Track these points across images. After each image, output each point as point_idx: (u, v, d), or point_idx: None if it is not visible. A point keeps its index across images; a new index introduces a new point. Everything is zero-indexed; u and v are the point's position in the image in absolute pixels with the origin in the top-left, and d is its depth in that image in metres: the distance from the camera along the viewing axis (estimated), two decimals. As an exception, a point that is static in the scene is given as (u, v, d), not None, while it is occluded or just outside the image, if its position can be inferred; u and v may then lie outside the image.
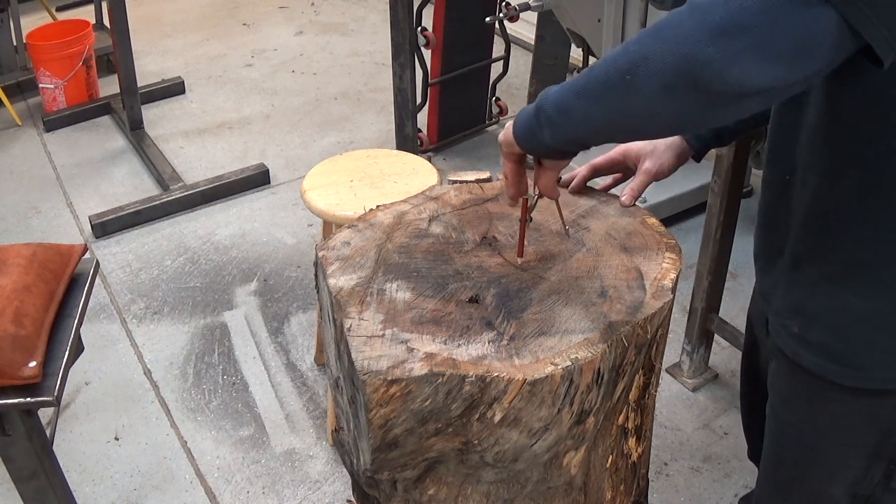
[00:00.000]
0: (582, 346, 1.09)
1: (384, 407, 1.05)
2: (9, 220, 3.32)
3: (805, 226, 1.14)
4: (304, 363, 2.58)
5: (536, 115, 1.03)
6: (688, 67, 0.84)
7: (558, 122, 1.01)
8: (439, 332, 1.11)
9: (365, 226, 1.34)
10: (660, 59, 0.86)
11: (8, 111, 4.02)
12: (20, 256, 1.56)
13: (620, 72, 0.90)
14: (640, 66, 0.87)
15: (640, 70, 0.87)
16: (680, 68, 0.84)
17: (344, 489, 2.16)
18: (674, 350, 2.48)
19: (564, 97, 0.99)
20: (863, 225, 1.07)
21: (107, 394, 2.49)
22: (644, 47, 0.87)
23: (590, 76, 0.95)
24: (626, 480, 1.35)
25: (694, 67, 0.83)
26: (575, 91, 0.97)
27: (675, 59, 0.84)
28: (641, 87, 0.88)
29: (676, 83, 0.86)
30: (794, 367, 1.21)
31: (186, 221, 3.29)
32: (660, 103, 0.89)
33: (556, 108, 1.00)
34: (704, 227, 2.23)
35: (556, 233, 1.32)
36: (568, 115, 0.99)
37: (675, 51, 0.84)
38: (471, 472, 1.19)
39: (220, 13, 5.25)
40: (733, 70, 0.82)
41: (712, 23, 0.81)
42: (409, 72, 3.12)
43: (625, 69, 0.89)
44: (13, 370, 1.39)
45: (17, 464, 1.53)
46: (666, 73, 0.86)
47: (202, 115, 4.08)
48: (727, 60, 0.82)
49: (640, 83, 0.88)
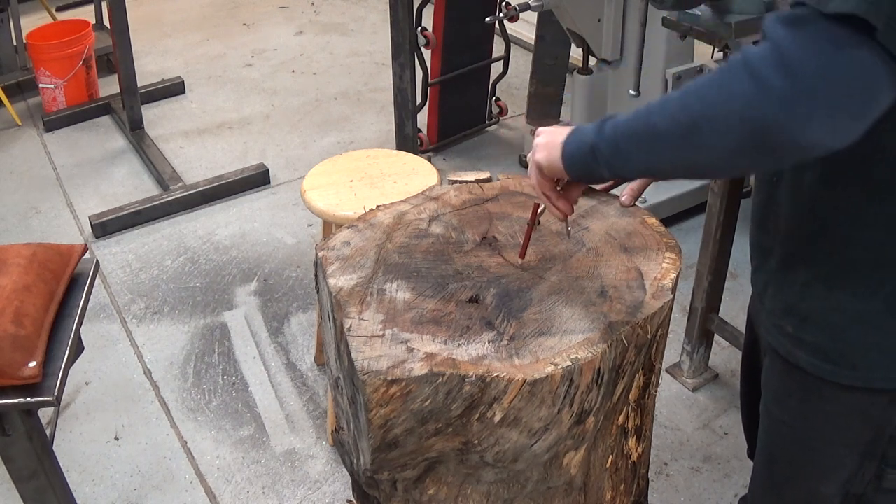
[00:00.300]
0: (582, 346, 1.09)
1: (384, 407, 1.05)
2: (9, 220, 3.32)
3: (797, 226, 1.14)
4: (304, 363, 2.58)
5: (593, 154, 1.05)
6: (756, 132, 0.86)
7: (618, 165, 1.04)
8: (439, 332, 1.11)
9: (365, 226, 1.34)
10: (725, 121, 0.88)
11: (8, 111, 4.02)
12: (20, 256, 1.56)
13: (683, 129, 0.92)
14: (705, 127, 0.89)
15: (706, 130, 0.90)
16: (748, 132, 0.86)
17: (344, 489, 2.16)
18: (674, 350, 2.48)
19: (623, 142, 1.01)
20: (856, 226, 1.07)
21: (107, 394, 2.49)
22: (707, 106, 0.89)
23: (648, 124, 0.97)
24: (626, 480, 1.35)
25: (763, 132, 0.85)
26: (635, 138, 1.00)
27: (743, 124, 0.86)
28: (708, 147, 0.91)
29: (744, 145, 0.88)
30: (787, 366, 1.21)
31: (186, 221, 3.29)
32: (727, 160, 0.92)
33: (615, 153, 1.03)
34: (704, 227, 2.23)
35: (556, 233, 1.32)
36: (628, 160, 1.02)
37: (743, 116, 0.86)
38: (471, 472, 1.19)
39: (220, 13, 5.25)
40: (803, 136, 0.84)
41: (775, 91, 0.83)
42: (409, 72, 3.12)
43: (689, 126, 0.91)
44: (13, 370, 1.39)
45: (17, 464, 1.53)
46: (734, 135, 0.88)
47: (202, 115, 4.08)
48: (796, 126, 0.84)
49: (706, 142, 0.91)
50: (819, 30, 0.83)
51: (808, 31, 0.83)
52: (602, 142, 1.04)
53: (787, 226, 1.16)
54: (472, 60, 3.55)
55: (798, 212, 1.13)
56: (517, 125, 3.83)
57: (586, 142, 1.07)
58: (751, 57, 0.87)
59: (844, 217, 1.07)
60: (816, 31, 0.83)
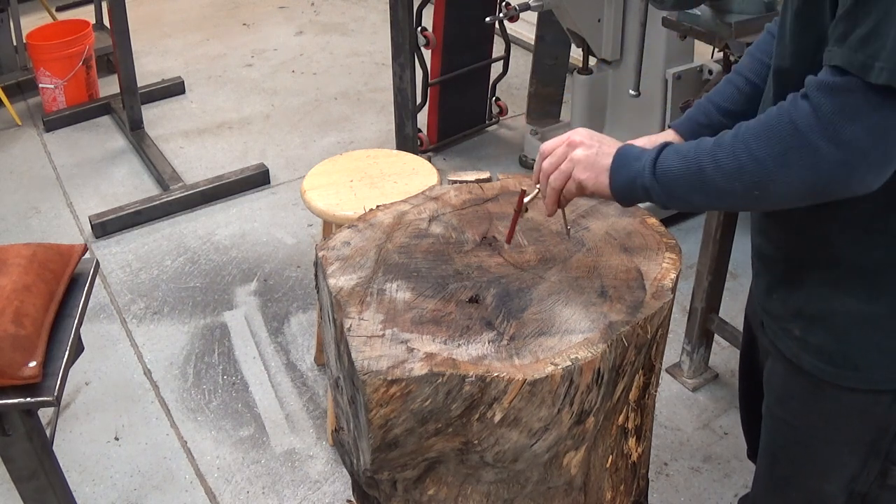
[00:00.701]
0: (582, 346, 1.09)
1: (384, 407, 1.05)
2: (9, 220, 3.32)
3: (802, 233, 1.15)
4: (304, 363, 2.58)
5: (647, 193, 1.11)
6: (818, 190, 0.98)
7: (673, 205, 1.11)
8: (439, 332, 1.11)
9: (365, 226, 1.34)
10: (788, 185, 0.98)
11: (8, 111, 4.02)
12: (20, 256, 1.56)
13: (746, 188, 1.01)
14: (770, 188, 0.99)
15: (770, 190, 1.00)
16: (811, 191, 0.98)
17: (344, 489, 2.16)
18: (674, 350, 2.48)
19: (678, 190, 1.08)
20: (857, 232, 1.08)
21: (107, 394, 2.49)
22: (768, 171, 0.99)
23: (703, 177, 1.05)
24: (626, 480, 1.35)
25: (824, 191, 0.98)
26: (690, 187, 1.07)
27: (806, 187, 0.98)
28: (772, 199, 1.02)
29: (807, 198, 1.01)
30: (791, 367, 1.21)
31: (186, 221, 3.29)
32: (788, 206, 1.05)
33: (670, 197, 1.09)
34: (704, 227, 2.23)
35: (556, 233, 1.32)
36: (686, 203, 1.10)
37: (804, 180, 0.97)
38: (471, 472, 1.19)
39: (220, 13, 5.25)
40: (860, 187, 0.96)
41: (834, 158, 0.94)
42: (409, 72, 3.12)
43: (751, 186, 1.01)
44: (13, 370, 1.39)
45: (17, 464, 1.53)
46: (798, 193, 0.99)
47: (202, 115, 4.08)
48: (852, 182, 0.96)
49: (769, 198, 1.02)
50: (862, 98, 0.91)
51: (853, 101, 0.92)
52: (655, 185, 1.09)
53: (791, 232, 1.17)
54: (472, 60, 3.55)
55: (801, 219, 1.14)
56: (517, 125, 3.83)
57: (638, 182, 1.10)
58: (802, 125, 0.95)
59: (848, 224, 1.09)
60: (859, 99, 0.91)
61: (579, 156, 1.16)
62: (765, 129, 0.98)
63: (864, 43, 0.89)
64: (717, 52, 2.32)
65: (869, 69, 0.89)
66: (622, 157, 1.13)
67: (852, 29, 0.90)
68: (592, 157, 1.15)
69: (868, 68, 0.89)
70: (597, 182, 1.15)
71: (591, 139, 1.17)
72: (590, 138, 1.17)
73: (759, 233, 1.26)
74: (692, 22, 2.12)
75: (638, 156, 1.11)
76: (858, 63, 0.90)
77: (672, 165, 1.07)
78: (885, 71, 0.88)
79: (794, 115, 0.95)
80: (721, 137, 1.04)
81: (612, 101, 3.13)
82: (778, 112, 0.98)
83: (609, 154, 1.14)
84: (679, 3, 2.00)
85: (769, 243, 1.23)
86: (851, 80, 0.91)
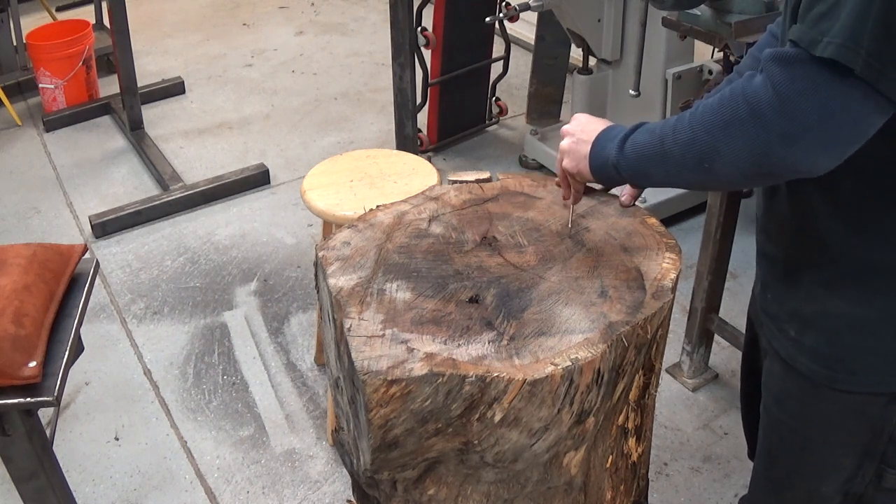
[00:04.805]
0: (582, 346, 1.09)
1: (384, 407, 1.05)
2: (9, 220, 3.32)
3: (799, 234, 1.15)
4: (304, 363, 2.58)
5: (616, 171, 1.17)
6: (762, 165, 0.98)
7: (639, 180, 1.18)
8: (439, 332, 1.11)
9: (365, 226, 1.34)
10: (734, 157, 0.99)
11: (8, 111, 4.02)
12: (20, 256, 1.56)
13: (697, 160, 1.03)
14: (716, 160, 1.01)
15: (717, 162, 1.01)
16: (755, 165, 0.98)
17: (344, 489, 2.16)
18: (674, 350, 2.48)
19: (641, 164, 1.13)
20: (854, 234, 1.08)
21: (107, 394, 2.49)
22: (717, 142, 1.00)
23: (663, 149, 1.08)
24: (626, 480, 1.35)
25: (768, 165, 0.97)
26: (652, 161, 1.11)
27: (751, 159, 0.98)
28: (719, 174, 1.03)
29: (751, 173, 1.00)
30: (787, 368, 1.22)
31: (186, 221, 3.29)
32: (736, 182, 1.05)
33: (635, 172, 1.15)
34: (704, 227, 2.23)
35: (556, 233, 1.32)
36: (648, 178, 1.15)
37: (748, 152, 0.97)
38: (471, 473, 1.19)
39: (220, 13, 5.25)
40: (804, 164, 0.96)
41: (775, 129, 0.94)
42: (409, 72, 3.12)
43: (701, 158, 1.03)
44: (13, 370, 1.39)
45: (17, 464, 1.53)
46: (742, 167, 0.99)
47: (202, 115, 4.08)
48: (796, 158, 0.95)
49: (717, 171, 1.02)
50: (811, 70, 0.91)
51: (800, 72, 0.93)
52: (622, 160, 1.15)
53: (789, 233, 1.17)
54: (472, 60, 3.55)
55: (798, 220, 1.15)
56: (517, 125, 3.83)
57: (609, 160, 1.17)
58: (751, 94, 0.96)
59: (843, 226, 1.09)
60: (809, 71, 0.92)
61: (564, 146, 1.26)
62: (719, 100, 1.01)
63: (819, 20, 0.92)
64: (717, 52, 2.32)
65: (816, 44, 0.91)
66: (599, 140, 1.20)
67: (813, 7, 0.93)
68: (574, 146, 1.24)
69: (816, 43, 0.91)
70: (580, 169, 1.23)
71: (577, 127, 1.24)
72: (576, 126, 1.25)
73: (761, 231, 1.26)
74: (692, 22, 2.12)
75: (613, 136, 1.18)
76: (809, 38, 0.92)
77: (638, 140, 1.12)
78: (830, 45, 0.89)
79: (746, 86, 0.97)
80: (685, 112, 1.07)
81: (612, 101, 3.13)
82: (734, 85, 1.01)
83: (588, 141, 1.21)
84: (679, 3, 2.00)
85: (769, 241, 1.23)
86: (802, 53, 0.92)
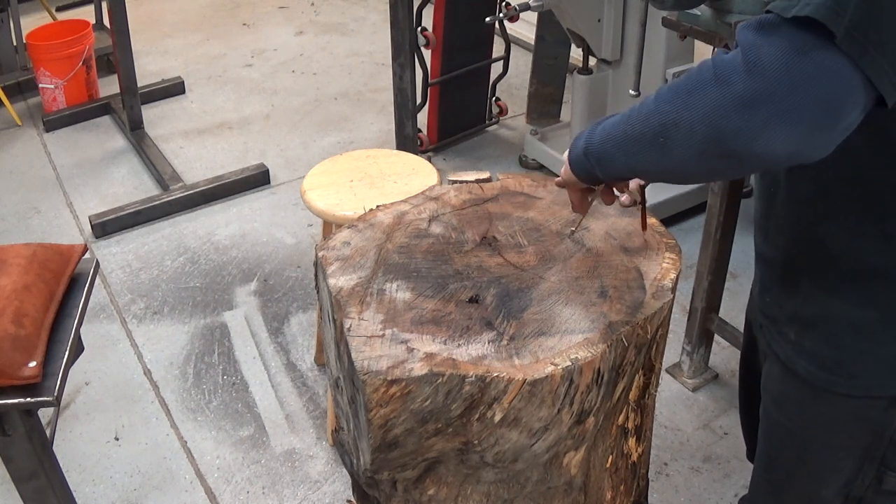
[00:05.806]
0: (582, 346, 1.09)
1: (384, 407, 1.05)
2: (9, 220, 3.32)
3: (797, 236, 1.15)
4: (304, 363, 2.58)
5: (586, 156, 1.08)
6: (717, 138, 0.86)
7: (606, 167, 1.06)
8: (439, 332, 1.11)
9: (365, 226, 1.34)
10: (690, 127, 0.89)
11: (8, 111, 4.02)
12: (20, 256, 1.56)
13: (654, 133, 0.93)
14: (672, 132, 0.91)
15: (672, 135, 0.91)
16: (709, 138, 0.87)
17: (344, 489, 2.16)
18: (674, 350, 2.48)
19: (608, 146, 1.04)
20: (853, 237, 1.08)
21: (107, 394, 2.49)
22: (676, 111, 0.90)
23: (627, 128, 0.99)
24: (626, 480, 1.35)
25: (723, 138, 0.86)
26: (615, 141, 1.02)
27: (706, 129, 0.87)
28: (675, 151, 0.92)
29: (707, 150, 0.89)
30: (786, 371, 1.21)
31: (186, 221, 3.29)
32: (693, 165, 0.93)
33: (602, 156, 1.05)
34: (704, 227, 2.23)
35: (556, 233, 1.32)
36: (612, 162, 1.04)
37: (704, 120, 0.87)
38: (471, 472, 1.19)
39: (220, 13, 5.25)
40: (759, 141, 0.84)
41: (735, 94, 0.83)
42: (409, 72, 3.12)
43: (658, 131, 0.93)
44: (13, 370, 1.39)
45: (17, 464, 1.53)
46: (697, 140, 0.89)
47: (202, 115, 4.08)
48: (752, 132, 0.83)
49: (673, 147, 0.92)
50: (784, 35, 0.83)
51: (774, 36, 0.83)
52: (592, 144, 1.07)
53: (787, 235, 1.17)
54: (472, 60, 3.55)
55: (796, 223, 1.14)
56: (517, 125, 3.83)
57: (581, 145, 1.09)
58: (719, 61, 0.87)
59: (841, 228, 1.08)
60: (781, 36, 0.83)
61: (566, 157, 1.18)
62: (689, 73, 0.93)
63: None
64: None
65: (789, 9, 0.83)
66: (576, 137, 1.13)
67: None
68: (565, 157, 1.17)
69: (789, 9, 0.83)
70: (567, 174, 1.16)
71: None
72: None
73: (759, 233, 1.26)
74: (692, 22, 2.12)
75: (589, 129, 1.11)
76: (782, 6, 0.85)
77: (608, 121, 1.05)
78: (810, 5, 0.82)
79: (717, 56, 0.90)
80: None
81: (612, 101, 3.13)
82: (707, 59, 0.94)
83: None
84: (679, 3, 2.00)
85: (768, 244, 1.23)
86: (777, 18, 0.85)
